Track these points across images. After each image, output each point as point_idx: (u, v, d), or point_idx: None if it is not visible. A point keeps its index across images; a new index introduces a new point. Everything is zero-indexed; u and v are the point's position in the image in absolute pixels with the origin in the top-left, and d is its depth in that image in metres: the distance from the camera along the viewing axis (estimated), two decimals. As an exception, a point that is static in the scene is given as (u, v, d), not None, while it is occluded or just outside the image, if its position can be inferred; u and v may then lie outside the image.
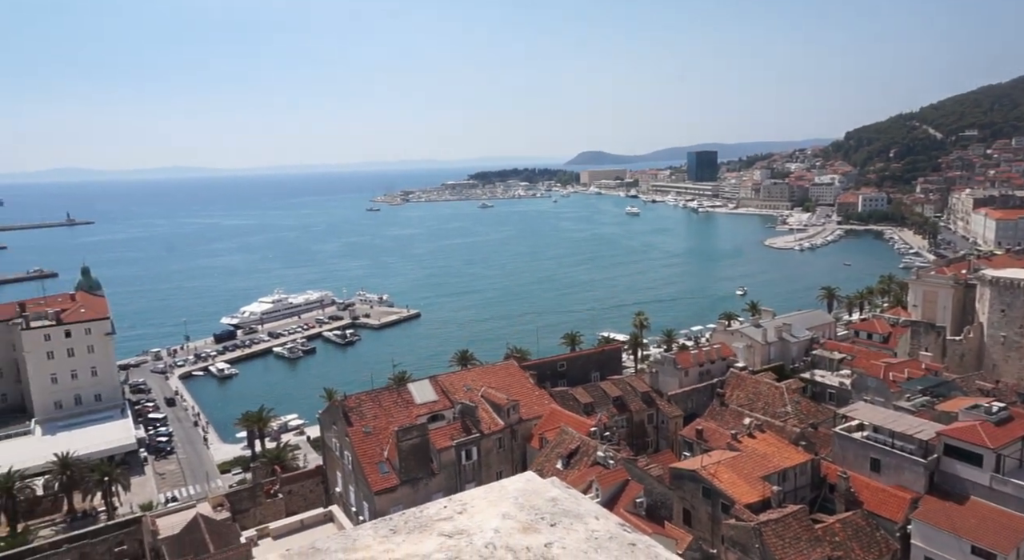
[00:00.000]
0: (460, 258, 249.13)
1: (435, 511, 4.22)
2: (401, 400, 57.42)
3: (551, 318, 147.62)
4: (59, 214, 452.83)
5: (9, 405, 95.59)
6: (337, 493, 58.32)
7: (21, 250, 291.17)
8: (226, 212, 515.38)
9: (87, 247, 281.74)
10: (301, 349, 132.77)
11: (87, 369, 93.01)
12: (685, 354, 76.83)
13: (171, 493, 75.13)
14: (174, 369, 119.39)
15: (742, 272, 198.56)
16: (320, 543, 3.95)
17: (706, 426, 60.49)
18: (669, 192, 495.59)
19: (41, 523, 67.09)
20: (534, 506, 4.17)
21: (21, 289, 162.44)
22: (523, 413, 59.03)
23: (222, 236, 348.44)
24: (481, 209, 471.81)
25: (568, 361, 78.56)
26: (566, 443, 51.63)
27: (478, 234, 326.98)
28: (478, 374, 64.97)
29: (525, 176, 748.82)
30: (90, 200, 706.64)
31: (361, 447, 52.32)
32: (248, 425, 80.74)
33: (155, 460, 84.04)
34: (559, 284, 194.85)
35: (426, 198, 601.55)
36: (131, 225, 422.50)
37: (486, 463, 55.73)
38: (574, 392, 65.84)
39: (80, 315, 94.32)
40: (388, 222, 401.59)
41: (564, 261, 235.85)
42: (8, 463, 67.31)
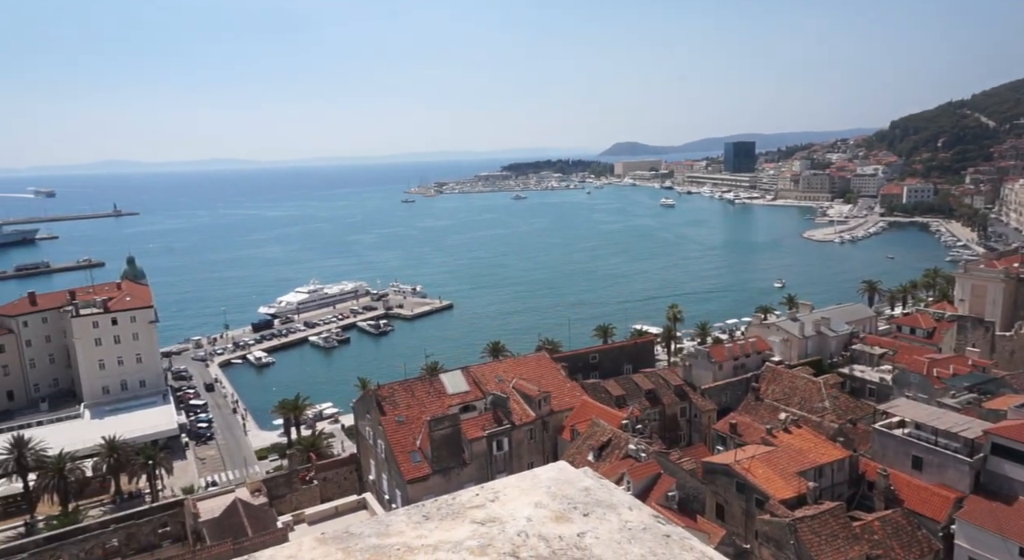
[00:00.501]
0: (493, 250, 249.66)
1: (467, 498, 4.22)
2: (433, 390, 57.97)
3: (583, 310, 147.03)
4: (106, 205, 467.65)
5: (60, 389, 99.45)
6: (370, 481, 59.27)
7: (71, 240, 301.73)
8: (264, 203, 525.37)
9: (132, 237, 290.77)
10: (336, 339, 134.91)
11: (132, 356, 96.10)
12: (719, 347, 75.79)
13: (211, 477, 77.31)
14: (214, 357, 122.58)
15: (779, 265, 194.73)
16: (354, 528, 3.99)
17: (740, 420, 59.66)
18: (705, 183, 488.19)
19: (90, 503, 69.78)
20: (567, 495, 4.14)
21: (71, 278, 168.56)
22: (554, 405, 59.04)
23: (260, 227, 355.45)
24: (514, 200, 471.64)
25: (600, 353, 78.18)
26: (597, 435, 51.49)
27: (511, 225, 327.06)
28: (510, 365, 65.20)
29: (559, 167, 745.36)
30: (135, 192, 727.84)
31: (394, 436, 53.03)
32: (284, 413, 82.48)
33: (196, 445, 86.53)
34: (592, 276, 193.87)
35: (459, 189, 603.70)
36: (173, 216, 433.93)
37: (517, 454, 55.95)
38: (606, 384, 65.54)
39: (126, 303, 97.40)
40: (422, 213, 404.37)
41: (597, 253, 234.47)
42: (60, 445, 70.03)
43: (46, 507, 68.15)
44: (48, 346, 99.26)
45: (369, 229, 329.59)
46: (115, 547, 53.47)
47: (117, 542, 53.68)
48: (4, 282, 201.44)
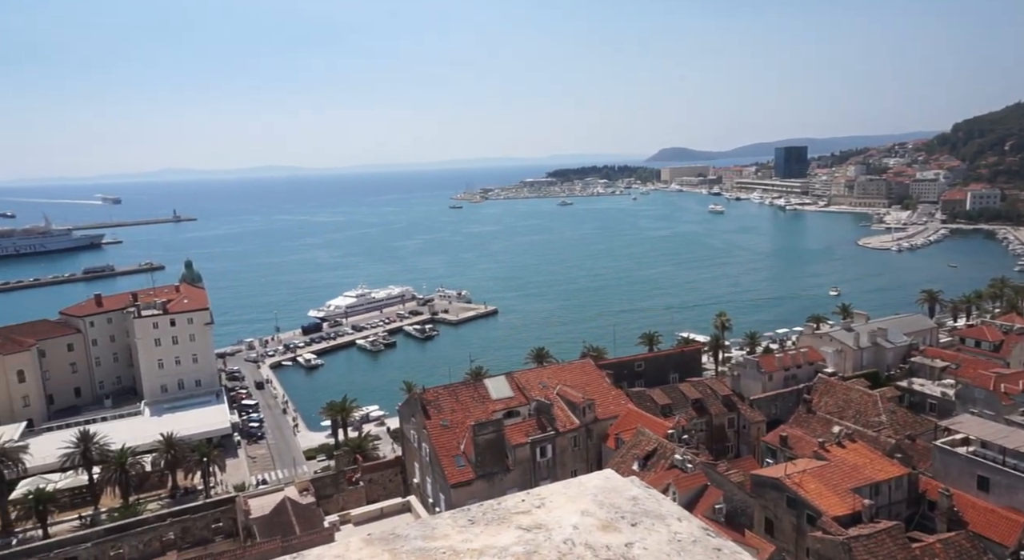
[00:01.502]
0: (538, 256, 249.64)
1: (513, 504, 4.20)
2: (478, 395, 58.18)
3: (629, 317, 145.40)
4: (167, 211, 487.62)
5: (123, 387, 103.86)
6: (415, 484, 59.81)
7: (134, 244, 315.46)
8: (314, 209, 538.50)
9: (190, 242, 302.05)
10: (382, 342, 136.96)
11: (189, 356, 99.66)
12: (769, 357, 73.84)
13: (261, 476, 79.36)
14: (265, 358, 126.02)
15: (833, 273, 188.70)
16: (400, 530, 4.02)
17: (791, 433, 57.90)
18: (754, 189, 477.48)
19: (149, 497, 72.52)
20: (614, 504, 4.08)
21: (134, 280, 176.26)
22: (599, 412, 58.50)
23: (310, 232, 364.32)
24: (560, 206, 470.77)
25: (646, 361, 77.16)
26: (643, 444, 50.75)
27: (556, 232, 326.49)
28: (554, 372, 64.91)
29: (604, 173, 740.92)
30: (194, 198, 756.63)
31: (438, 440, 53.41)
32: (332, 414, 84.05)
33: (247, 444, 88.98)
34: (637, 283, 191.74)
35: (505, 195, 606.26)
36: (228, 222, 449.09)
37: (561, 461, 55.60)
38: (651, 393, 64.62)
39: (183, 305, 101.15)
40: (467, 219, 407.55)
41: (643, 260, 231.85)
42: (122, 440, 73.00)
43: (109, 499, 71.13)
44: (112, 345, 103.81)
45: (415, 235, 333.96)
46: (171, 540, 55.41)
47: (173, 535, 55.62)
48: (73, 284, 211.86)
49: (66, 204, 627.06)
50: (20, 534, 66.56)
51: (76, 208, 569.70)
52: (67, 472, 71.78)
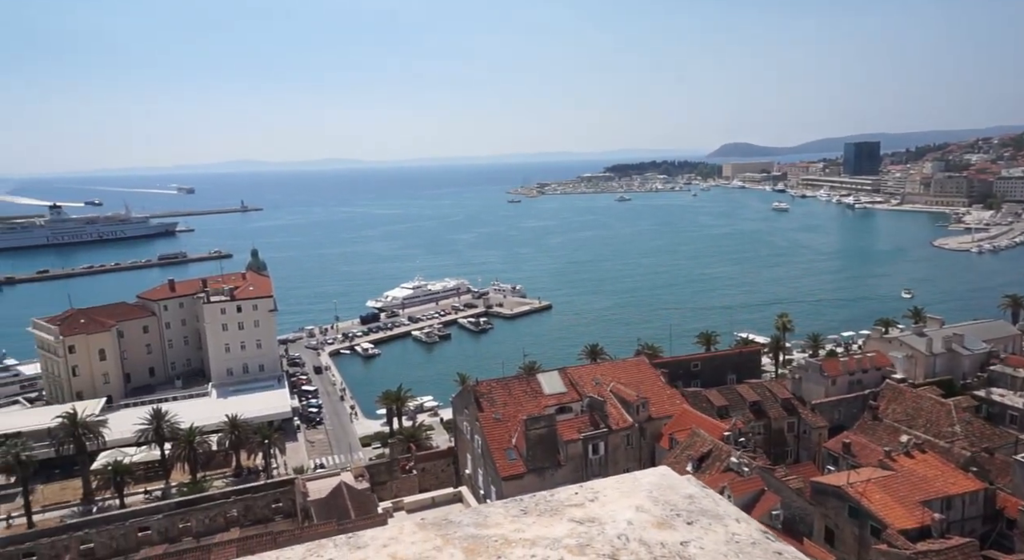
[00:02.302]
0: (594, 251, 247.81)
1: (566, 497, 4.17)
2: (530, 389, 58.31)
3: (685, 316, 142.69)
4: (235, 201, 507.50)
5: (192, 369, 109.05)
6: (467, 475, 60.51)
7: (205, 233, 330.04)
8: (373, 202, 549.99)
9: (256, 231, 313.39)
10: (437, 334, 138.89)
11: (253, 341, 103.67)
12: (833, 361, 71.10)
13: (319, 460, 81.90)
14: (324, 346, 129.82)
15: (905, 275, 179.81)
16: (453, 516, 4.05)
17: (855, 440, 55.64)
18: (821, 186, 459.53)
19: (215, 474, 76.03)
20: (669, 502, 3.99)
21: (204, 267, 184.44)
22: (653, 411, 57.73)
23: (369, 224, 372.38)
24: (618, 202, 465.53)
25: (702, 361, 75.61)
26: (697, 445, 49.80)
27: (613, 227, 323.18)
28: (608, 369, 64.39)
29: (663, 169, 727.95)
30: (260, 189, 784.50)
31: (491, 432, 53.84)
32: (387, 403, 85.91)
33: (306, 428, 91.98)
34: (695, 281, 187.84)
35: (561, 190, 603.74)
36: (292, 212, 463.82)
37: (613, 459, 55.18)
38: (708, 394, 63.29)
39: (249, 292, 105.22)
40: (523, 214, 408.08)
41: (702, 257, 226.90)
42: (190, 420, 76.77)
43: (178, 475, 74.95)
44: (183, 329, 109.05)
45: (471, 228, 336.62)
46: (234, 517, 57.92)
47: (236, 512, 58.13)
48: (149, 269, 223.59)
49: (144, 193, 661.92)
50: (100, 502, 70.95)
51: (153, 197, 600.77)
52: (141, 447, 76.01)
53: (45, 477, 75.03)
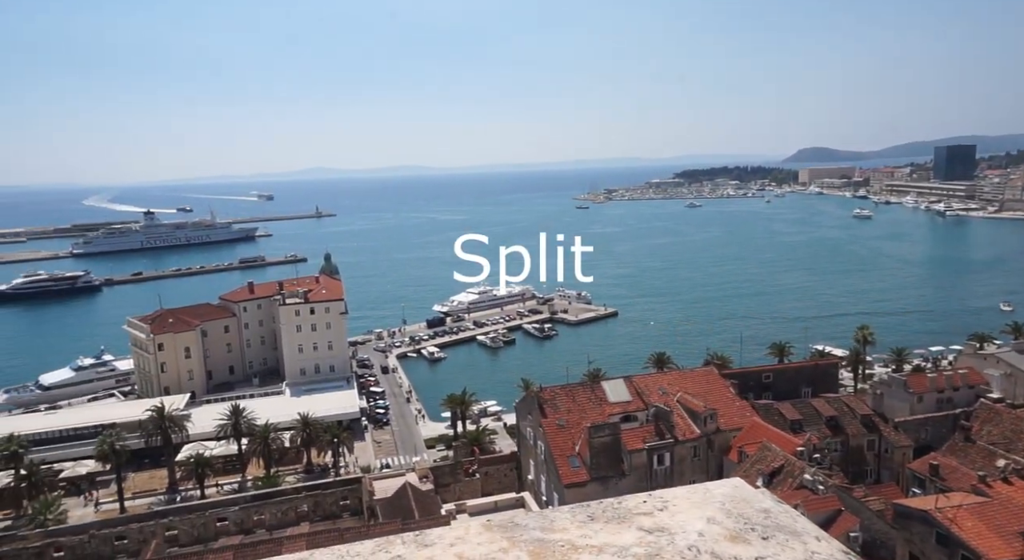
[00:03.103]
0: (661, 258, 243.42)
1: (634, 505, 4.09)
2: (595, 397, 57.74)
3: (757, 325, 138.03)
4: (310, 207, 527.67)
5: (268, 368, 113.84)
6: (529, 481, 60.44)
7: (281, 237, 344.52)
8: (442, 208, 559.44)
9: (329, 236, 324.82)
10: (502, 339, 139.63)
11: (325, 343, 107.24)
12: (920, 377, 67.10)
13: (385, 460, 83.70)
14: (392, 349, 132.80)
15: (1004, 287, 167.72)
16: (519, 519, 4.05)
17: (944, 462, 52.19)
18: (908, 192, 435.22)
19: (287, 470, 78.95)
20: (743, 515, 3.84)
21: (280, 271, 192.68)
22: (721, 423, 56.06)
23: (437, 230, 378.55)
24: (688, 208, 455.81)
25: (775, 373, 72.88)
26: (768, 460, 47.95)
27: (682, 234, 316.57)
28: (675, 378, 63.03)
29: (736, 175, 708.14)
30: (334, 195, 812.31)
31: (554, 439, 53.61)
32: (452, 406, 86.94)
33: (373, 429, 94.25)
34: (768, 290, 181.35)
35: (629, 196, 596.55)
36: (364, 218, 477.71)
37: (679, 471, 53.87)
38: (780, 407, 60.89)
39: (322, 295, 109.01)
40: (590, 220, 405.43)
41: (775, 265, 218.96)
42: (265, 417, 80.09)
43: (254, 469, 78.34)
44: (261, 329, 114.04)
45: (537, 234, 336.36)
46: (304, 512, 59.95)
47: (307, 508, 60.15)
48: (230, 272, 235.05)
49: (228, 200, 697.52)
50: (183, 492, 75.00)
51: (235, 204, 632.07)
52: (220, 441, 79.83)
53: (136, 466, 79.97)
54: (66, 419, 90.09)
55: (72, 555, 54.45)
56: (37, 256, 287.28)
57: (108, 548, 55.11)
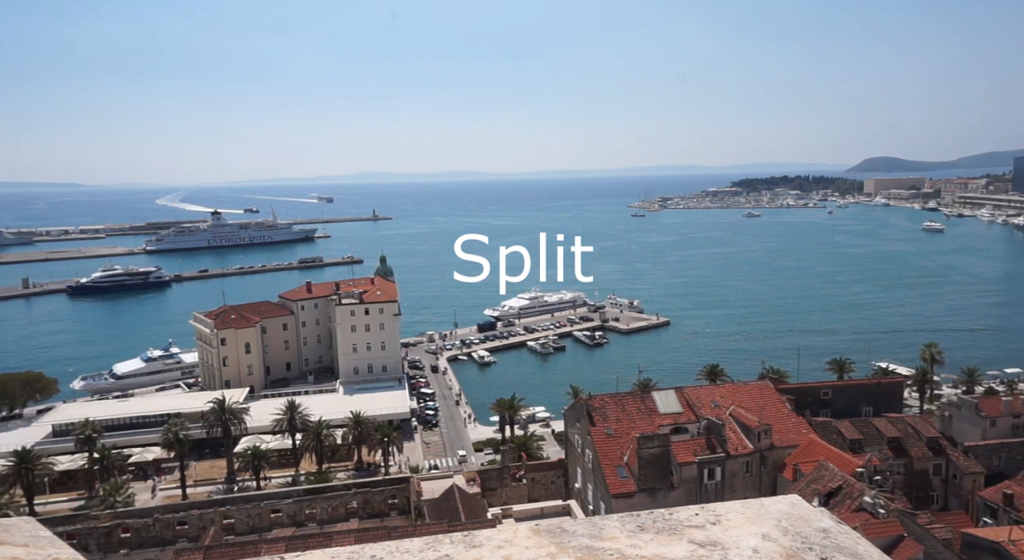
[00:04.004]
0: (716, 268, 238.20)
1: (685, 517, 4.02)
2: (644, 407, 56.91)
3: (815, 340, 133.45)
4: (367, 210, 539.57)
5: (323, 366, 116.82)
6: (576, 489, 59.99)
7: (339, 239, 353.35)
8: (494, 213, 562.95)
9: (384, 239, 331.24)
10: (552, 346, 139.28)
11: (378, 343, 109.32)
12: (993, 400, 63.40)
13: (433, 461, 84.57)
14: (443, 351, 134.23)
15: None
16: (567, 525, 4.03)
17: (1018, 491, 49.11)
18: (983, 205, 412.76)
19: (338, 467, 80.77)
20: (800, 533, 3.73)
21: (337, 271, 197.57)
22: (776, 439, 54.32)
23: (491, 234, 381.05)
24: (746, 218, 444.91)
25: (834, 389, 70.26)
26: (825, 479, 46.17)
27: (738, 244, 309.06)
28: (728, 391, 61.51)
29: (796, 184, 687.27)
30: (390, 199, 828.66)
31: (602, 448, 53.07)
32: (501, 410, 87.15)
33: (423, 429, 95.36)
34: (828, 304, 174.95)
35: (684, 205, 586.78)
36: (419, 222, 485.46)
37: (730, 486, 52.46)
38: (839, 425, 58.64)
39: (377, 297, 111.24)
40: (643, 228, 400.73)
41: (836, 279, 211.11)
42: (319, 413, 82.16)
43: (307, 464, 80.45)
44: (317, 328, 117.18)
45: (589, 241, 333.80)
46: (354, 508, 61.12)
47: (356, 504, 61.31)
48: (289, 272, 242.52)
49: (289, 202, 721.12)
50: (240, 482, 77.64)
51: (296, 205, 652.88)
52: (276, 435, 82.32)
53: (198, 455, 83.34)
54: (136, 407, 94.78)
55: (138, 536, 57.09)
56: (114, 252, 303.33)
57: (170, 532, 57.56)
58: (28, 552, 2.72)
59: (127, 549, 56.50)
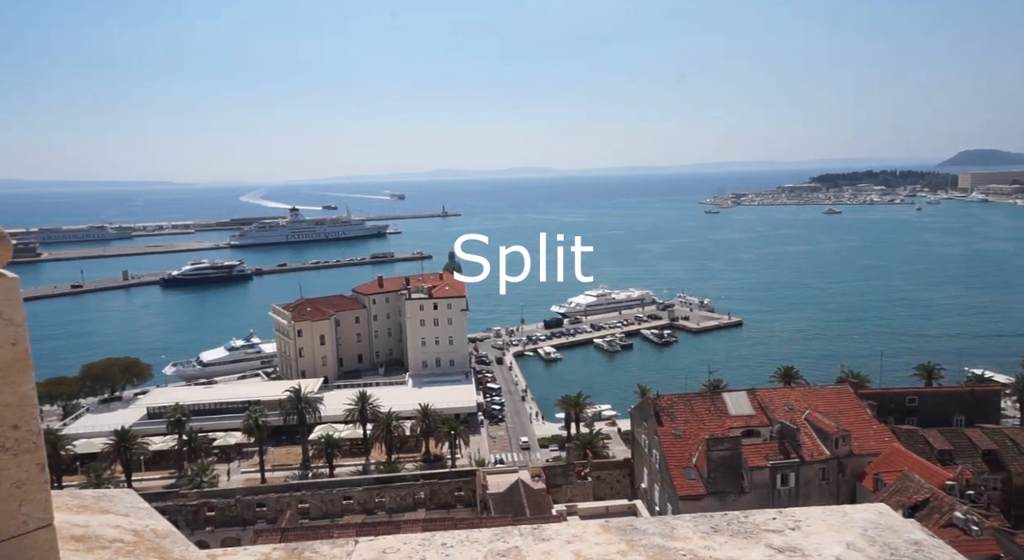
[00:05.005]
0: (793, 267, 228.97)
1: (762, 520, 3.89)
2: (714, 408, 55.51)
3: (900, 343, 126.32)
4: (437, 207, 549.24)
5: (393, 359, 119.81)
6: (642, 489, 59.16)
7: (410, 235, 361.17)
8: (561, 210, 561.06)
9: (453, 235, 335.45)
10: (619, 343, 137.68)
11: (446, 338, 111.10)
12: (1105, 413, 58.16)
13: (499, 455, 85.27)
14: (509, 347, 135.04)
15: None
16: (638, 524, 3.97)
17: None
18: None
19: (407, 458, 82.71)
20: (889, 544, 3.53)
21: (407, 267, 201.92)
22: (855, 446, 51.84)
23: (557, 231, 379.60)
24: (825, 215, 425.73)
25: (921, 396, 66.33)
26: (910, 491, 43.68)
27: (816, 242, 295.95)
28: (803, 395, 59.13)
29: (881, 179, 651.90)
30: (459, 195, 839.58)
31: (670, 449, 52.11)
32: (566, 408, 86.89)
33: (488, 424, 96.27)
34: (916, 306, 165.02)
35: (759, 201, 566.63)
36: (487, 218, 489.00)
37: (805, 493, 50.44)
38: (926, 434, 55.25)
39: (445, 292, 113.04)
40: (715, 225, 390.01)
41: (925, 279, 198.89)
42: (389, 405, 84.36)
43: (376, 453, 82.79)
44: (388, 322, 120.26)
45: (659, 238, 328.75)
46: (421, 499, 62.49)
47: (423, 495, 62.66)
48: (361, 267, 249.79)
49: (363, 198, 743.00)
50: (314, 469, 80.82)
51: (369, 202, 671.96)
52: (348, 424, 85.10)
53: (275, 441, 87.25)
54: (220, 393, 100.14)
55: (221, 515, 60.40)
56: (201, 246, 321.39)
57: (250, 513, 60.58)
58: (129, 521, 2.94)
59: (212, 527, 59.85)
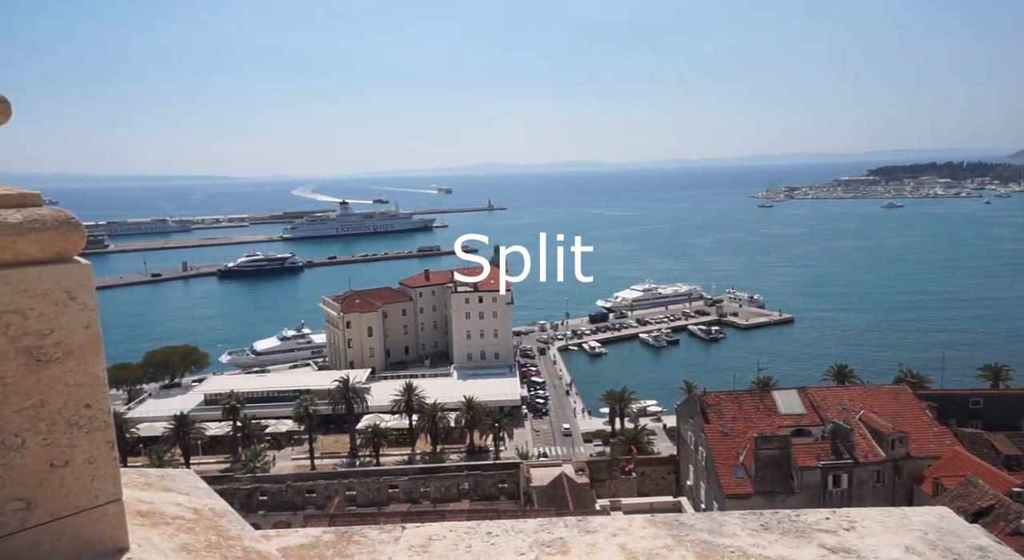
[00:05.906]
0: (848, 263, 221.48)
1: (814, 520, 3.78)
2: (763, 406, 54.28)
3: (965, 343, 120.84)
4: (483, 201, 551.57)
5: (439, 351, 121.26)
6: (688, 486, 58.41)
7: (456, 229, 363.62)
8: (608, 203, 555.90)
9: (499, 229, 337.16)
10: (666, 339, 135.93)
11: (491, 331, 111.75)
12: None
13: (542, 449, 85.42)
14: (554, 341, 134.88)
15: None
16: (684, 518, 3.92)
17: None
18: None
19: (451, 449, 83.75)
20: (952, 549, 3.38)
21: (453, 260, 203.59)
22: (912, 449, 49.91)
23: (604, 225, 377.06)
24: (884, 209, 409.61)
25: (986, 399, 63.44)
26: (973, 497, 41.81)
27: (875, 237, 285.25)
28: (857, 394, 57.27)
29: (946, 172, 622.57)
30: (505, 189, 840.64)
31: (717, 446, 51.26)
32: (611, 402, 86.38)
33: (532, 417, 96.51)
34: (982, 304, 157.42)
35: (813, 195, 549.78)
36: (533, 212, 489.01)
37: (858, 495, 48.88)
38: (992, 438, 52.85)
39: (490, 285, 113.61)
40: (767, 220, 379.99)
41: (993, 276, 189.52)
42: (434, 396, 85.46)
43: (422, 444, 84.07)
44: (434, 315, 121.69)
45: (708, 233, 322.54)
46: (465, 490, 63.16)
47: (467, 486, 63.31)
48: (408, 260, 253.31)
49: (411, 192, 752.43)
50: (361, 458, 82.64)
51: (416, 196, 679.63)
52: (394, 415, 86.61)
53: (324, 429, 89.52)
54: (272, 382, 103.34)
55: (273, 500, 62.42)
56: (255, 239, 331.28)
57: (300, 498, 62.42)
58: (190, 499, 3.07)
59: (264, 510, 61.91)
